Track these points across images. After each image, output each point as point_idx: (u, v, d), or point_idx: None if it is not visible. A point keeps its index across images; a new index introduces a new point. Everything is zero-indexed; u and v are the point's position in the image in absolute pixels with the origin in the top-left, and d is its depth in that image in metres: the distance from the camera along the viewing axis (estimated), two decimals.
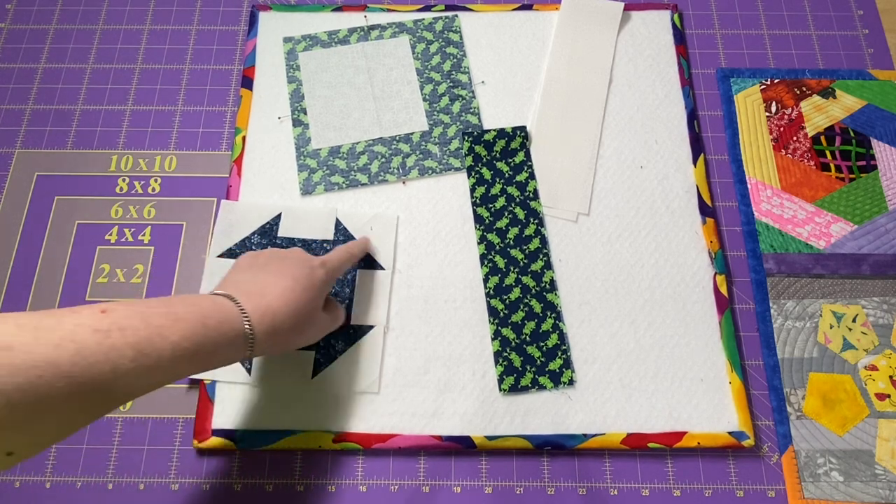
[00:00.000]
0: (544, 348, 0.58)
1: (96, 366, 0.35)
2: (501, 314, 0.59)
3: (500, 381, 0.56)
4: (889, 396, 0.56)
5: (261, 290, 0.45)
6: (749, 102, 0.69)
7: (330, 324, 0.53)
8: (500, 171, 0.65)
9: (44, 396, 0.33)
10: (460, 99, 0.68)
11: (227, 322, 0.41)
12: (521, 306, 0.59)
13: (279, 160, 0.65)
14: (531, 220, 0.63)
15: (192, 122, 0.68)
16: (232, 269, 0.50)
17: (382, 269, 0.60)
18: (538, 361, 0.57)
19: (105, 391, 0.35)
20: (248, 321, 0.43)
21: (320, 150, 0.66)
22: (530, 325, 0.58)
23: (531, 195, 0.64)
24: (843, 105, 0.68)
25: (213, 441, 0.54)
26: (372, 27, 0.72)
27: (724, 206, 0.65)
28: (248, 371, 0.56)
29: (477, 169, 0.65)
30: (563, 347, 0.58)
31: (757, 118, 0.68)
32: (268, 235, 0.61)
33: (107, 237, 0.63)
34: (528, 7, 0.73)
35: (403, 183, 0.65)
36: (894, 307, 0.60)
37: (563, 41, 0.71)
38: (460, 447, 0.54)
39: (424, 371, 0.57)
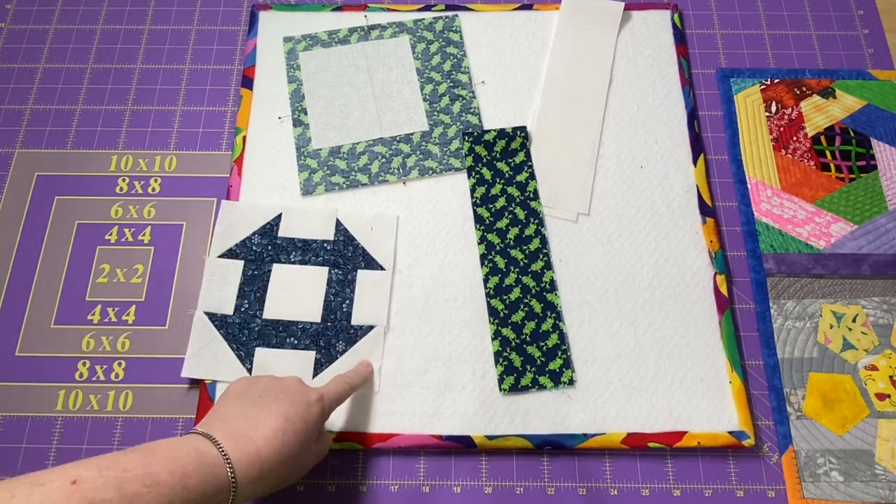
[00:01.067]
0: (544, 348, 0.58)
1: None
2: (501, 314, 0.59)
3: (501, 380, 0.56)
4: (889, 396, 0.56)
5: (249, 432, 0.42)
6: (749, 102, 0.69)
7: (314, 460, 0.49)
8: (501, 172, 0.65)
9: None
10: (460, 99, 0.68)
11: (209, 479, 0.38)
12: (522, 306, 0.59)
13: (279, 160, 0.65)
14: (531, 220, 0.63)
15: (192, 122, 0.68)
16: (223, 396, 0.47)
17: (382, 269, 0.60)
18: (538, 361, 0.57)
19: None
20: (231, 471, 0.40)
21: (321, 150, 0.66)
22: (530, 325, 0.58)
23: (531, 195, 0.64)
24: (843, 105, 0.68)
25: None
26: (372, 27, 0.72)
27: (724, 206, 0.65)
28: (249, 371, 0.56)
29: (477, 169, 0.65)
30: (563, 347, 0.58)
31: (757, 118, 0.68)
32: (268, 236, 0.61)
33: (107, 237, 0.63)
34: (528, 7, 0.73)
35: (404, 183, 0.65)
36: (894, 307, 0.60)
37: (563, 41, 0.71)
38: (460, 447, 0.55)
39: (424, 371, 0.57)
